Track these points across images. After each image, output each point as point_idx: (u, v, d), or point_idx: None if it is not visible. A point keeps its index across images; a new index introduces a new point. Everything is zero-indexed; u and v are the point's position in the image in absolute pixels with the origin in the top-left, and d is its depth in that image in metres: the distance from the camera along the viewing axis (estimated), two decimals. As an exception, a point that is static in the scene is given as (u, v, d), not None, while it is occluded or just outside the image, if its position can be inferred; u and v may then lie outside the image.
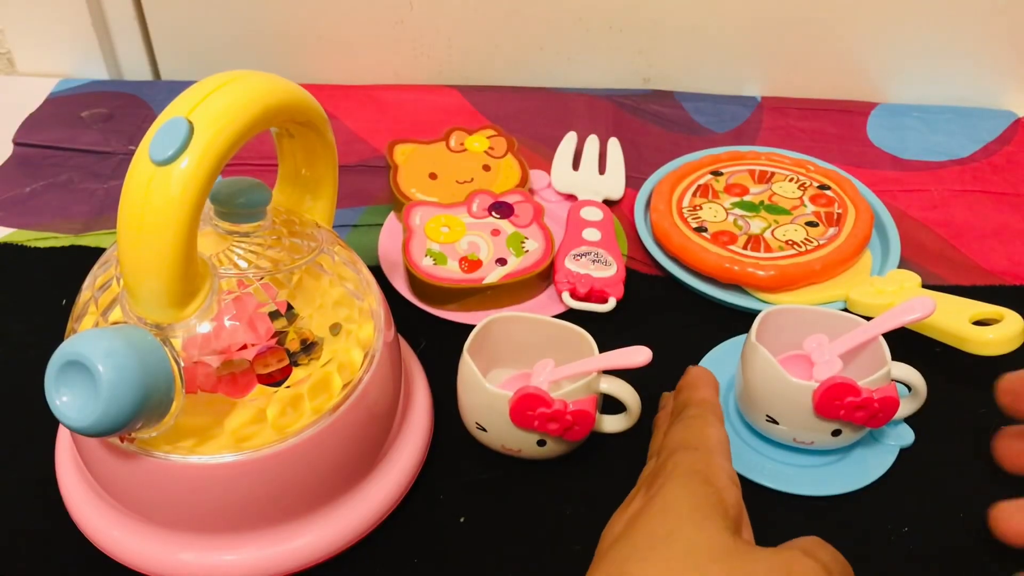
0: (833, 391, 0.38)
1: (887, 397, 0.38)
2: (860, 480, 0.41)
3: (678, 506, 0.31)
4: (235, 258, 0.34)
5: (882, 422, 0.38)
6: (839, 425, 0.39)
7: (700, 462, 0.33)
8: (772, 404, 0.40)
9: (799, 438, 0.40)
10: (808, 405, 0.38)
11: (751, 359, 0.40)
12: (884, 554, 0.39)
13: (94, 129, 0.64)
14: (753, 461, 0.42)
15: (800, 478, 0.41)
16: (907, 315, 0.40)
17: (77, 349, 0.29)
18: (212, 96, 0.30)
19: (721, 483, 0.32)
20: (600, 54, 0.68)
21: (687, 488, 0.31)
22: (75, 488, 0.38)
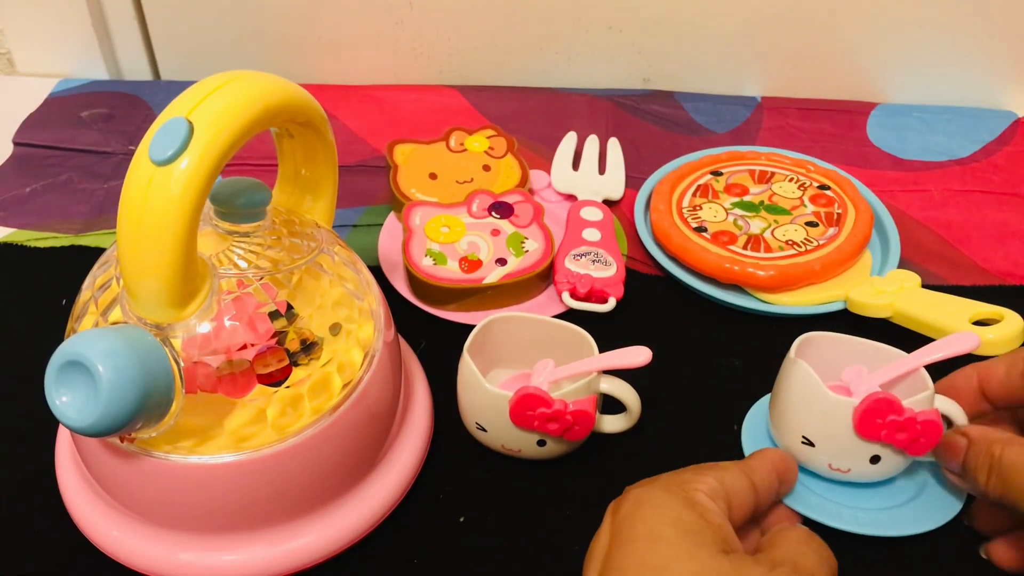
0: (876, 407, 0.36)
1: (930, 421, 0.36)
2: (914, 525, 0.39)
3: (665, 534, 0.30)
4: (235, 258, 0.34)
5: (924, 448, 0.37)
6: (878, 449, 0.37)
7: (673, 482, 0.33)
8: (809, 423, 0.38)
9: (835, 464, 0.38)
10: (847, 424, 0.37)
11: (789, 376, 0.39)
12: None
13: (94, 129, 0.64)
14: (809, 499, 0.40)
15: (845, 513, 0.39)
16: (951, 348, 0.38)
17: (77, 349, 0.29)
18: (212, 96, 0.30)
19: (701, 501, 0.32)
20: (600, 54, 0.68)
21: (669, 514, 0.31)
22: (75, 488, 0.38)
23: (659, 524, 0.30)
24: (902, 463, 0.38)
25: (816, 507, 0.39)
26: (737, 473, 0.35)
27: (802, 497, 0.39)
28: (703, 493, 0.32)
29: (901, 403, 0.36)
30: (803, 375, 0.38)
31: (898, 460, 0.38)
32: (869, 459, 0.37)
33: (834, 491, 0.39)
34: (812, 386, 0.37)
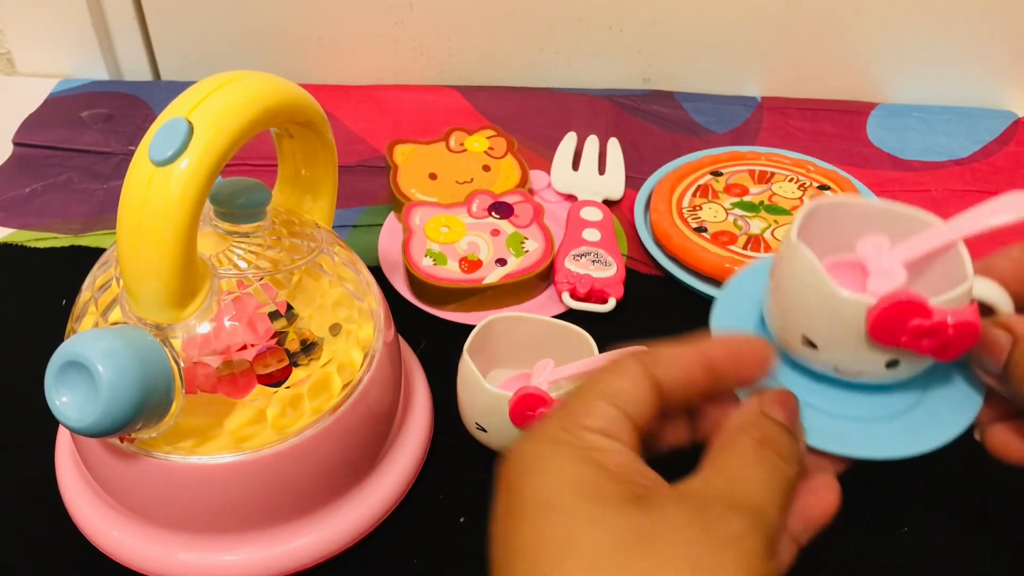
0: (896, 312, 0.28)
1: (965, 322, 0.28)
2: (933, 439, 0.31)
3: (561, 501, 0.25)
4: (235, 258, 0.34)
5: (954, 354, 0.29)
6: (897, 355, 0.30)
7: (561, 427, 0.27)
8: (812, 323, 0.30)
9: (842, 368, 0.31)
10: (859, 327, 0.29)
11: (788, 262, 0.31)
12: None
13: (94, 129, 0.64)
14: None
15: (853, 432, 0.31)
16: (1002, 214, 0.30)
17: (77, 349, 0.29)
18: (212, 96, 0.30)
19: (596, 445, 0.26)
20: (600, 54, 0.68)
21: (561, 474, 0.25)
22: (75, 488, 0.38)
23: (552, 489, 0.25)
24: (926, 364, 0.31)
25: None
26: (637, 379, 0.28)
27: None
28: (597, 433, 0.26)
29: (928, 304, 0.28)
30: (805, 264, 0.30)
31: (921, 363, 0.30)
32: (885, 364, 0.30)
33: (809, 390, 0.32)
34: (816, 279, 0.29)
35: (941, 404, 0.31)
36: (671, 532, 0.24)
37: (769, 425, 0.28)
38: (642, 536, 0.23)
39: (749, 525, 0.24)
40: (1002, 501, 0.40)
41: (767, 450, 0.27)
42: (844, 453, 0.30)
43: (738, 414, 0.29)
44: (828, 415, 0.31)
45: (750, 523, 0.24)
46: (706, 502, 0.25)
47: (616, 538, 0.23)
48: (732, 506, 0.25)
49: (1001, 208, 0.30)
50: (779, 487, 0.26)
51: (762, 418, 0.28)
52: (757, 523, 0.25)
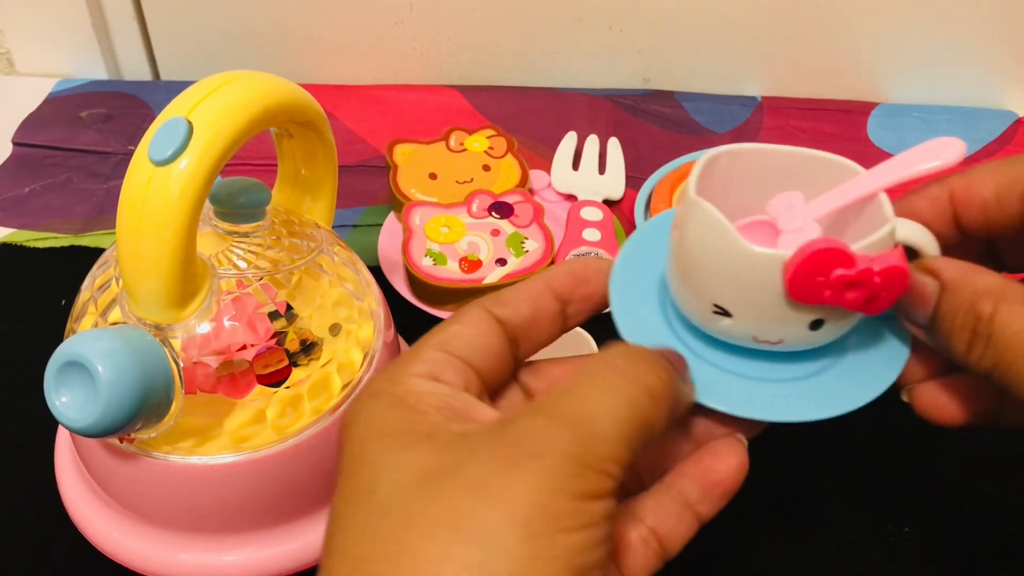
0: (815, 263, 0.25)
1: (892, 268, 0.25)
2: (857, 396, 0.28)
3: (370, 451, 0.23)
4: (234, 258, 0.34)
5: (882, 306, 0.26)
6: (821, 313, 0.26)
7: (384, 377, 0.25)
8: (722, 288, 0.26)
9: (761, 336, 0.27)
10: (776, 285, 0.25)
11: (689, 223, 0.27)
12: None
13: (93, 129, 0.64)
14: (707, 378, 0.28)
15: (766, 396, 0.28)
16: (925, 159, 0.27)
17: (76, 350, 0.29)
18: (211, 96, 0.30)
19: (413, 389, 0.24)
20: (600, 54, 0.68)
21: (373, 424, 0.23)
22: (74, 489, 0.38)
23: (363, 439, 0.23)
24: (852, 322, 0.27)
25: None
26: (473, 322, 0.26)
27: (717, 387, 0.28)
28: (417, 377, 0.24)
29: (850, 251, 0.25)
30: (707, 221, 0.26)
31: (847, 320, 0.27)
32: (808, 325, 0.26)
33: (713, 352, 0.29)
34: (721, 238, 0.26)
35: (862, 362, 0.28)
36: (469, 461, 0.21)
37: (636, 355, 0.24)
38: (440, 472, 0.21)
39: (558, 439, 0.21)
40: (1003, 502, 0.40)
41: (618, 376, 0.23)
42: (752, 416, 0.27)
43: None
44: (735, 375, 0.28)
45: (560, 436, 0.21)
46: (517, 418, 0.22)
47: (412, 478, 0.21)
48: (569, 421, 0.21)
49: (925, 154, 0.27)
50: (623, 414, 0.22)
51: (630, 349, 0.25)
52: (573, 438, 0.21)
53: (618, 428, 0.22)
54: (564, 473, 0.20)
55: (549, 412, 0.22)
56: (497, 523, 0.20)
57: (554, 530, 0.20)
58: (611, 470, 0.21)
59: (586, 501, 0.21)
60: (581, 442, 0.21)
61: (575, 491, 0.20)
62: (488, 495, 0.20)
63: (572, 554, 0.20)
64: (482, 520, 0.20)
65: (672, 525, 0.26)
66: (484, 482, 0.20)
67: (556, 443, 0.21)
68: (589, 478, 0.21)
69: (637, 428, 0.22)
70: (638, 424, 0.22)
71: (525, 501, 0.20)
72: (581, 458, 0.21)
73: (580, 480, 0.21)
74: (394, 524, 0.21)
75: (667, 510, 0.26)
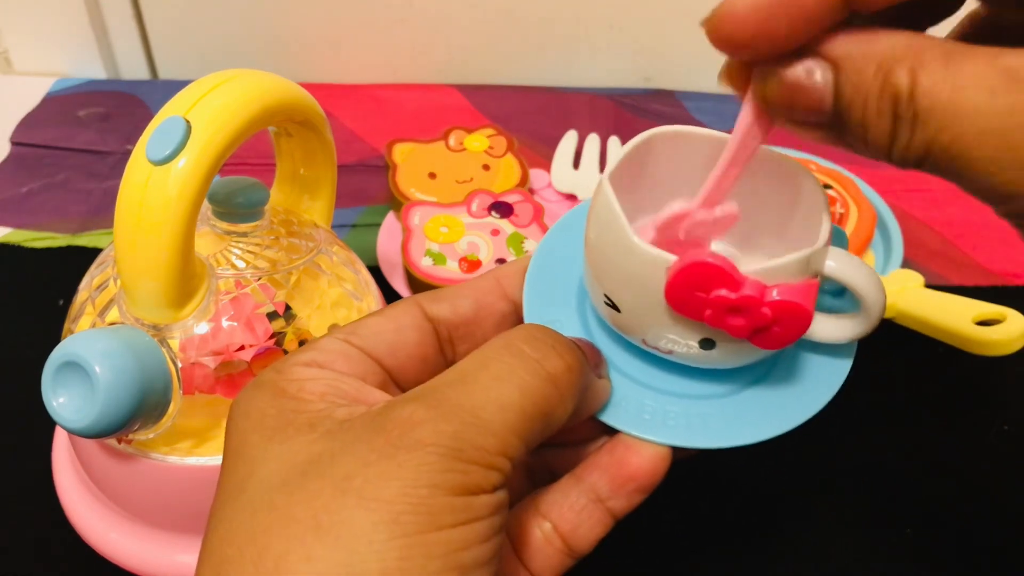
0: (693, 276, 0.22)
1: (788, 304, 0.22)
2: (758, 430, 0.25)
3: (248, 444, 0.21)
4: (233, 258, 0.34)
5: (780, 342, 0.23)
6: (709, 333, 0.24)
7: (271, 367, 0.23)
8: (610, 278, 0.25)
9: (650, 341, 0.25)
10: (659, 290, 0.23)
11: (593, 206, 0.25)
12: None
13: (91, 128, 0.64)
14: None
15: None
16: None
17: (74, 350, 0.29)
18: (210, 95, 0.30)
19: (296, 377, 0.22)
20: (600, 53, 0.68)
21: (252, 418, 0.22)
22: (72, 490, 0.38)
23: (243, 433, 0.22)
24: (751, 351, 0.24)
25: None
26: (396, 316, 0.24)
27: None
28: (301, 365, 0.23)
29: (735, 270, 0.22)
30: (604, 206, 0.24)
31: (743, 348, 0.24)
32: (698, 343, 0.24)
33: (629, 359, 0.26)
34: (614, 228, 0.24)
35: (794, 378, 0.26)
36: (344, 452, 0.19)
37: (542, 338, 0.22)
38: (312, 465, 0.20)
39: (437, 431, 0.19)
40: (1004, 502, 0.40)
41: (517, 360, 0.21)
42: (659, 440, 0.25)
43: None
44: (649, 388, 0.26)
45: (440, 428, 0.19)
46: (399, 403, 0.20)
47: (284, 473, 0.20)
48: (426, 403, 0.20)
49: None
50: (515, 403, 0.20)
51: (538, 331, 0.22)
52: (454, 431, 0.19)
53: (506, 418, 0.20)
54: (441, 468, 0.19)
55: (432, 399, 0.20)
56: (364, 521, 0.18)
57: (428, 527, 0.18)
58: (497, 463, 0.20)
59: (466, 496, 0.19)
60: (462, 434, 0.19)
61: (453, 486, 0.19)
62: (357, 491, 0.19)
63: (450, 552, 0.19)
64: (348, 518, 0.18)
65: (577, 522, 0.24)
66: (354, 476, 0.19)
67: (435, 435, 0.19)
68: (470, 472, 0.19)
69: (531, 418, 0.21)
70: (533, 414, 0.21)
71: (396, 498, 0.18)
72: (462, 451, 0.19)
73: (459, 474, 0.19)
74: (259, 524, 0.19)
75: (572, 506, 0.24)
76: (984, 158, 0.17)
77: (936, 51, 0.18)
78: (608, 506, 0.24)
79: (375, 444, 0.19)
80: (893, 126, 0.18)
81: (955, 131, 0.17)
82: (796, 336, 0.22)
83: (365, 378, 0.23)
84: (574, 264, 0.28)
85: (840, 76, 0.19)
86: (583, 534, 0.24)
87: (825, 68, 0.19)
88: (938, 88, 0.17)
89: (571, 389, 0.22)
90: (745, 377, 0.26)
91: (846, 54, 0.19)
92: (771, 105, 0.20)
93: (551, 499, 0.24)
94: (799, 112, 0.20)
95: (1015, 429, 0.43)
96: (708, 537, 0.39)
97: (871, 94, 0.18)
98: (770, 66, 0.20)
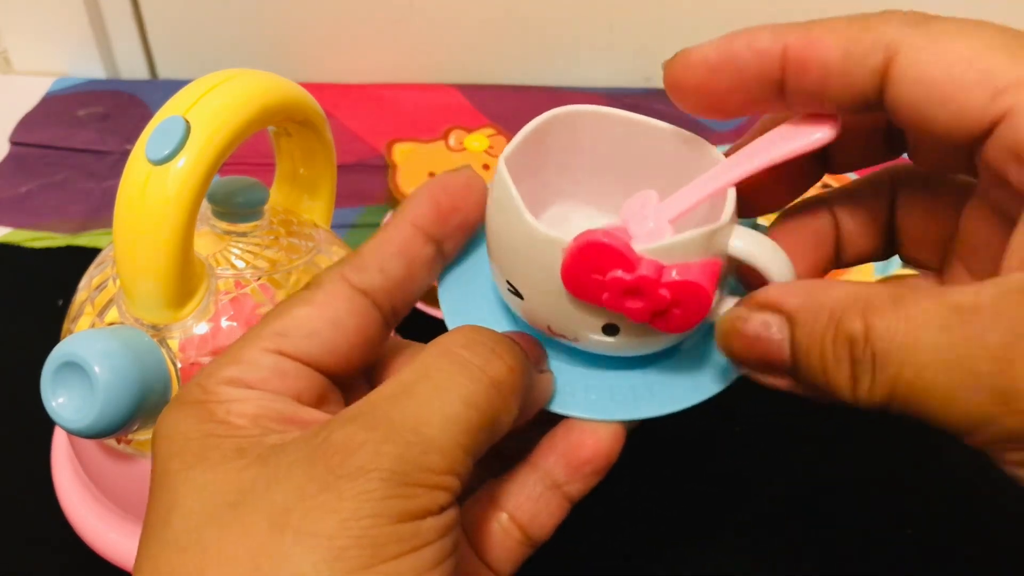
0: (586, 257, 0.21)
1: (685, 284, 0.21)
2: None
3: (170, 470, 0.20)
4: (232, 258, 0.34)
5: (681, 325, 0.22)
6: (611, 317, 0.23)
7: (192, 382, 0.22)
8: (512, 264, 0.24)
9: (555, 328, 0.24)
10: (557, 274, 0.22)
11: (491, 185, 0.24)
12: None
13: (90, 128, 0.64)
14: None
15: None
16: (790, 142, 0.23)
17: (73, 350, 0.29)
18: (209, 95, 0.30)
19: (218, 396, 0.21)
20: (600, 52, 0.68)
21: (175, 441, 0.20)
22: (72, 490, 0.38)
23: (165, 460, 0.20)
24: (656, 336, 0.23)
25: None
26: (325, 301, 0.23)
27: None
28: (227, 384, 0.21)
29: (629, 250, 0.21)
30: (501, 189, 0.23)
31: (649, 332, 0.23)
32: (601, 328, 0.23)
33: (561, 345, 0.25)
34: (510, 210, 0.23)
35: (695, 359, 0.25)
36: (278, 483, 0.18)
37: (481, 341, 0.21)
38: (244, 496, 0.18)
39: (379, 455, 0.18)
40: (1004, 503, 0.40)
41: (458, 368, 0.20)
42: (615, 418, 0.24)
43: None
44: (586, 367, 0.25)
45: (382, 452, 0.18)
46: (336, 425, 0.19)
47: (211, 505, 0.18)
48: (365, 424, 0.18)
49: (792, 135, 0.23)
50: (460, 417, 0.19)
51: (475, 333, 0.21)
52: (397, 454, 0.18)
53: (453, 434, 0.19)
54: (384, 495, 0.18)
55: (371, 419, 0.19)
56: (303, 559, 0.17)
57: (373, 561, 0.17)
58: (446, 483, 0.19)
59: (412, 522, 0.18)
60: (406, 455, 0.18)
61: (399, 513, 0.18)
62: (295, 527, 0.17)
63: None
64: (287, 557, 0.17)
65: (534, 510, 0.23)
66: (292, 510, 0.17)
67: (376, 459, 0.18)
68: (416, 497, 0.18)
69: (477, 429, 0.19)
70: (479, 424, 0.19)
71: (338, 532, 0.17)
72: (407, 476, 0.18)
73: (404, 500, 0.18)
74: (189, 565, 0.18)
75: (528, 493, 0.24)
76: (948, 389, 0.18)
77: (883, 296, 0.19)
78: (565, 491, 0.24)
79: (314, 473, 0.18)
80: (852, 370, 0.19)
81: (916, 367, 0.18)
82: (697, 319, 0.21)
83: (300, 397, 0.21)
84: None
85: (795, 329, 0.20)
86: (541, 522, 0.24)
87: (782, 321, 0.20)
88: (892, 329, 0.18)
89: (515, 391, 0.21)
90: (683, 342, 0.25)
91: (799, 306, 0.20)
92: (737, 360, 0.21)
93: (507, 489, 0.24)
94: (763, 364, 0.20)
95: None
96: (707, 537, 0.39)
97: (826, 342, 0.19)
98: (729, 312, 0.21)
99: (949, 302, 0.18)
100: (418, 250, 0.24)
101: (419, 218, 0.24)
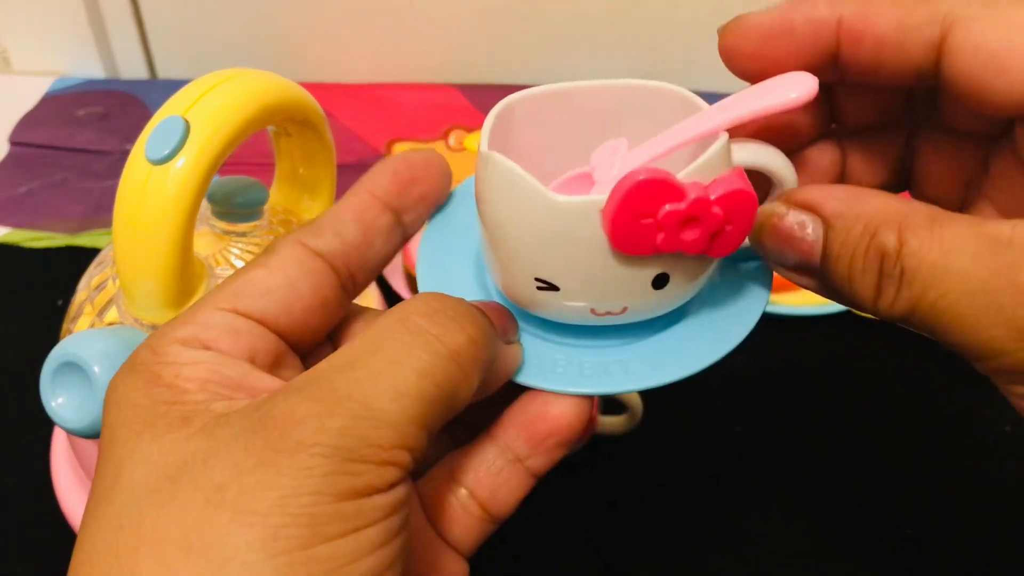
0: (635, 199, 0.20)
1: (734, 192, 0.20)
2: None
3: (119, 438, 0.19)
4: (232, 258, 0.34)
5: (734, 242, 0.21)
6: (661, 266, 0.21)
7: (144, 345, 0.20)
8: (539, 255, 0.22)
9: (600, 307, 0.23)
10: (598, 240, 0.21)
11: (486, 184, 0.22)
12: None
13: (90, 128, 0.64)
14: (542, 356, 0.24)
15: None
16: (772, 95, 0.21)
17: (72, 350, 0.29)
18: (209, 94, 0.30)
19: (171, 360, 0.20)
20: (601, 52, 0.68)
21: (124, 408, 0.19)
22: (71, 490, 0.38)
23: (113, 427, 0.19)
24: (704, 273, 0.23)
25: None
26: (280, 265, 0.22)
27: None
28: (180, 345, 0.20)
29: (675, 179, 0.20)
30: (503, 177, 0.21)
31: (696, 269, 0.22)
32: (651, 283, 0.22)
33: (534, 318, 0.24)
34: (524, 194, 0.21)
35: (714, 311, 0.24)
36: (218, 456, 0.17)
37: (442, 310, 0.20)
38: (184, 470, 0.17)
39: (322, 428, 0.17)
40: (1005, 503, 0.40)
41: (414, 338, 0.19)
42: (583, 391, 0.23)
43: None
44: (561, 344, 0.24)
45: (326, 425, 0.17)
46: (280, 396, 0.18)
47: (152, 479, 0.18)
48: (311, 396, 0.17)
49: (774, 88, 0.21)
50: (413, 389, 0.18)
51: (437, 301, 0.20)
52: (342, 427, 0.17)
53: (404, 406, 0.18)
54: (326, 471, 0.17)
55: (317, 390, 0.18)
56: (237, 539, 0.16)
57: (312, 540, 0.16)
58: (395, 458, 0.18)
59: (356, 500, 0.17)
60: (352, 430, 0.17)
61: (341, 490, 0.17)
62: (231, 503, 0.16)
63: (338, 566, 0.17)
64: (221, 536, 0.16)
65: (495, 486, 0.23)
66: (228, 486, 0.17)
67: (319, 433, 0.17)
68: (362, 473, 0.17)
69: (432, 403, 0.18)
70: (434, 397, 0.18)
71: (274, 510, 0.16)
72: (352, 451, 0.17)
73: (348, 476, 0.17)
74: (124, 542, 0.17)
75: (489, 469, 0.23)
76: (969, 316, 0.18)
77: (921, 215, 0.19)
78: (527, 465, 0.23)
79: (253, 447, 0.17)
80: (879, 281, 0.19)
81: (941, 290, 0.19)
82: (748, 228, 0.21)
83: (255, 358, 0.20)
84: (470, 230, 0.26)
85: (830, 232, 0.20)
86: (502, 498, 0.23)
87: (817, 223, 0.21)
88: (925, 250, 0.19)
89: (476, 364, 0.20)
90: (657, 324, 0.24)
91: (837, 212, 0.20)
92: (762, 249, 0.22)
93: (466, 463, 0.23)
94: (789, 259, 0.21)
95: (1017, 430, 0.43)
96: (707, 538, 0.39)
97: (858, 251, 0.20)
98: (766, 206, 0.21)
99: (984, 232, 0.18)
100: (374, 217, 0.23)
101: (377, 188, 0.24)
